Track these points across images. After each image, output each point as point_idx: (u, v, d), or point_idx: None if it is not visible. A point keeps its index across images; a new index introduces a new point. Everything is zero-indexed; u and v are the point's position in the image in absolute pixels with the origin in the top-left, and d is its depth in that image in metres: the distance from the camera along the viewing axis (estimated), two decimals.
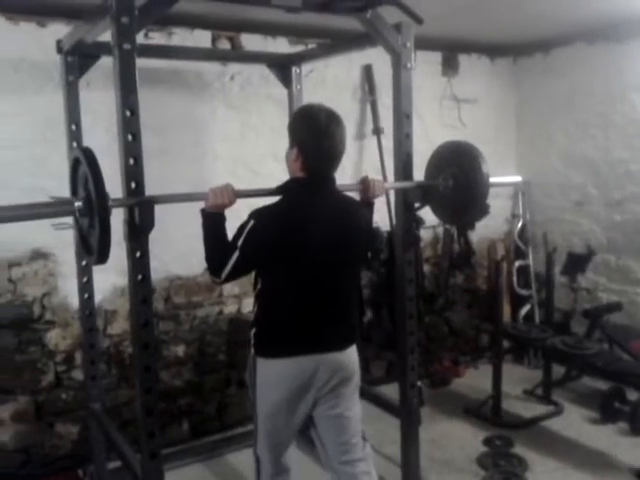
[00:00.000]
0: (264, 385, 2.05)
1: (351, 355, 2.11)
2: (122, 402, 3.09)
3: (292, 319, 2.01)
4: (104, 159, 2.58)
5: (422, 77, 3.58)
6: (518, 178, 3.29)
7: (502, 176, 2.84)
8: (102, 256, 1.76)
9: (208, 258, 1.99)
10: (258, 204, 1.98)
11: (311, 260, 1.95)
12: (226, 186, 1.97)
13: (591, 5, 3.07)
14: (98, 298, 2.80)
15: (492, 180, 2.43)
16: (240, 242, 1.90)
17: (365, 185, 2.23)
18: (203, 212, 1.99)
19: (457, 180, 2.44)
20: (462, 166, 2.44)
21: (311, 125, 1.94)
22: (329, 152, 1.96)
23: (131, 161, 1.77)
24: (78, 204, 1.76)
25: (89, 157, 1.72)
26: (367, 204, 2.26)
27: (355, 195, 2.26)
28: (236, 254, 1.91)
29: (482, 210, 2.44)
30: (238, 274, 1.99)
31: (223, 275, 1.95)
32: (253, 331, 2.08)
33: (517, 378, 3.97)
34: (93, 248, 1.80)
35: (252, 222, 1.90)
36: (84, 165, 1.73)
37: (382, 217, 3.58)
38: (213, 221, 1.98)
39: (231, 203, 1.98)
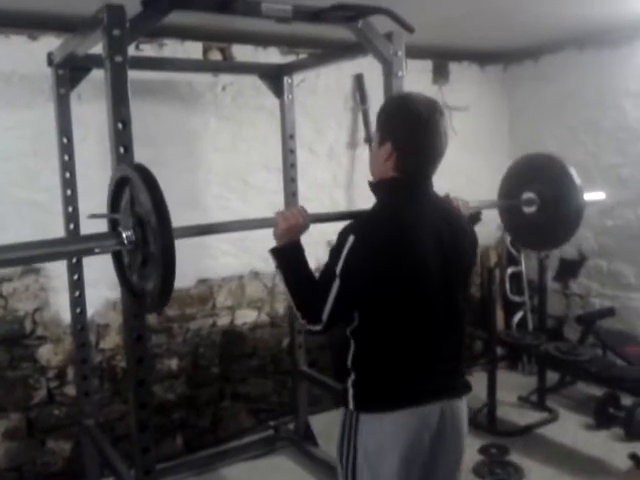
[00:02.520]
0: (376, 451, 1.58)
1: (465, 402, 1.73)
2: (115, 417, 3.05)
3: (409, 357, 1.61)
4: (96, 172, 2.59)
5: (413, 85, 3.54)
6: (602, 195, 2.77)
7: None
8: (161, 304, 1.47)
9: (300, 304, 1.59)
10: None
11: (424, 278, 1.57)
12: (297, 207, 1.71)
13: (580, 12, 3.09)
14: (90, 312, 2.78)
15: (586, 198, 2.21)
16: (340, 266, 1.51)
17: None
18: (275, 250, 1.66)
19: (543, 198, 2.24)
20: (548, 182, 2.23)
21: (410, 116, 1.60)
22: (433, 148, 1.61)
23: None
24: (127, 235, 1.47)
25: (148, 178, 1.45)
26: None
27: None
28: (336, 283, 1.51)
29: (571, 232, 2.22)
30: (343, 310, 1.56)
31: (324, 317, 1.52)
32: (351, 380, 1.62)
33: (512, 385, 3.97)
34: (147, 292, 1.51)
35: (352, 238, 1.51)
36: (139, 188, 1.45)
37: None
38: (291, 254, 1.64)
39: (306, 225, 1.68)
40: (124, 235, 1.47)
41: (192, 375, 3.30)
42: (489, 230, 4.40)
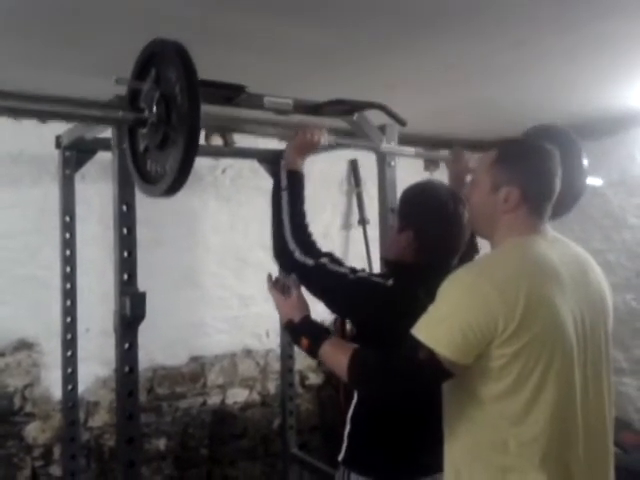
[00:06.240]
0: None
1: None
2: None
3: (402, 428, 1.57)
4: (96, 249, 2.65)
5: (405, 171, 3.68)
6: (600, 181, 2.75)
7: None
8: (179, 181, 1.41)
9: (296, 230, 1.68)
10: None
11: None
12: (317, 126, 1.74)
13: (565, 107, 3.27)
14: (80, 389, 2.75)
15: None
16: (364, 276, 1.60)
17: (457, 155, 2.04)
18: (290, 170, 1.73)
19: None
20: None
21: (433, 209, 1.63)
22: (454, 240, 1.64)
23: (125, 254, 1.81)
24: (150, 107, 1.40)
25: (180, 50, 1.36)
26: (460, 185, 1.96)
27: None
28: (349, 275, 1.58)
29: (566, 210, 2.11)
30: (328, 281, 1.62)
31: (323, 260, 1.61)
32: (347, 431, 1.64)
33: None
34: (164, 171, 1.45)
35: (392, 281, 1.57)
36: (170, 62, 1.38)
37: None
38: (301, 181, 1.72)
39: (322, 141, 1.75)
40: (146, 110, 1.42)
41: (180, 456, 3.23)
42: None
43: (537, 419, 1.31)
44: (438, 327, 1.31)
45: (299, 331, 1.56)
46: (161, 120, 1.40)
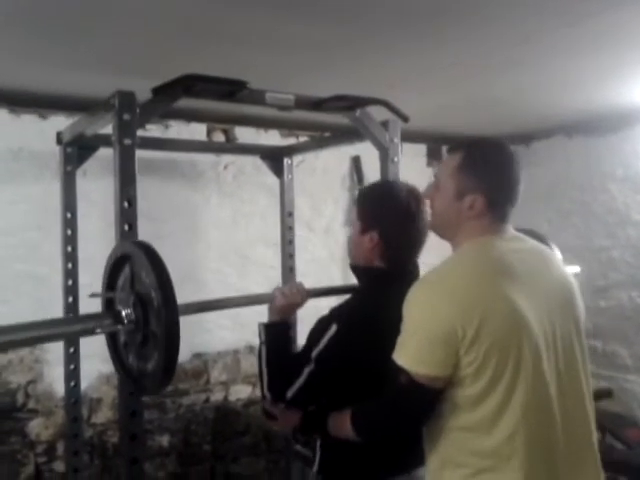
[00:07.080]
0: None
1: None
2: None
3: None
4: (97, 245, 2.64)
5: (408, 167, 3.68)
6: (577, 268, 2.66)
7: None
8: (162, 386, 1.41)
9: (272, 380, 1.60)
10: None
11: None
12: (296, 283, 1.75)
13: (569, 104, 3.25)
14: (83, 385, 2.74)
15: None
16: (317, 352, 1.53)
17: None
18: (268, 326, 1.66)
19: None
20: None
21: (397, 208, 1.64)
22: (417, 238, 1.66)
23: None
24: (127, 313, 1.40)
25: (152, 255, 1.42)
26: None
27: None
28: (310, 368, 1.53)
29: None
30: (308, 395, 1.58)
31: (289, 395, 1.55)
32: (319, 442, 1.67)
33: None
34: (146, 373, 1.43)
35: (334, 327, 1.53)
36: (142, 265, 1.41)
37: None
38: (280, 332, 1.65)
39: (303, 302, 1.71)
40: (123, 314, 1.40)
41: (183, 452, 3.23)
42: None
43: (510, 420, 1.31)
44: (408, 347, 1.33)
45: (306, 432, 1.67)
46: (139, 321, 1.39)
